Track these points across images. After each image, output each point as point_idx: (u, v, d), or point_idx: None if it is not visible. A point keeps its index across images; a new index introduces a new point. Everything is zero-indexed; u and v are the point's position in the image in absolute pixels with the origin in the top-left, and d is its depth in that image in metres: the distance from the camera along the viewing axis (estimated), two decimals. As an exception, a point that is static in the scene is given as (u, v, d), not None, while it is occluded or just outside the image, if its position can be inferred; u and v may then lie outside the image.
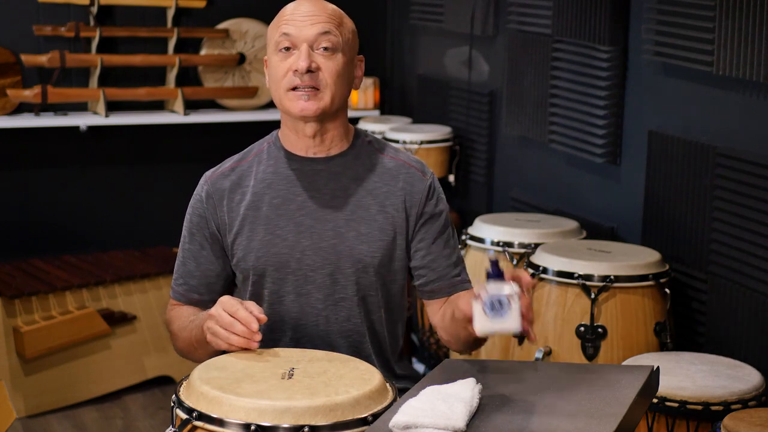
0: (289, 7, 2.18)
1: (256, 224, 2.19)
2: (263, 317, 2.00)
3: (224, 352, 2.05)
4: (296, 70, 2.12)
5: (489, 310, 1.87)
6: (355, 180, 2.20)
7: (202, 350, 2.13)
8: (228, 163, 2.26)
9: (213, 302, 2.21)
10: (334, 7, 2.20)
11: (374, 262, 2.17)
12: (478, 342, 2.17)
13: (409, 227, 2.21)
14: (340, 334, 2.20)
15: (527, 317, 1.88)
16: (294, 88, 2.13)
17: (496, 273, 1.90)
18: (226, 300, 2.02)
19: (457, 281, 2.24)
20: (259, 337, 1.99)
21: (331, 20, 2.15)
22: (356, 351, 2.19)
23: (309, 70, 2.11)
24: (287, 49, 2.14)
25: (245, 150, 2.29)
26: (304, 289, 2.18)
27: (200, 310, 2.20)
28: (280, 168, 2.21)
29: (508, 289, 1.87)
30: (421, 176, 2.23)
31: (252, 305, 2.01)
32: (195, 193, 2.25)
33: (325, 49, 2.13)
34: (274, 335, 2.19)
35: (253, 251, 2.18)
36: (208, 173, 2.26)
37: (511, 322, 1.86)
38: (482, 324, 1.87)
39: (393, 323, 2.27)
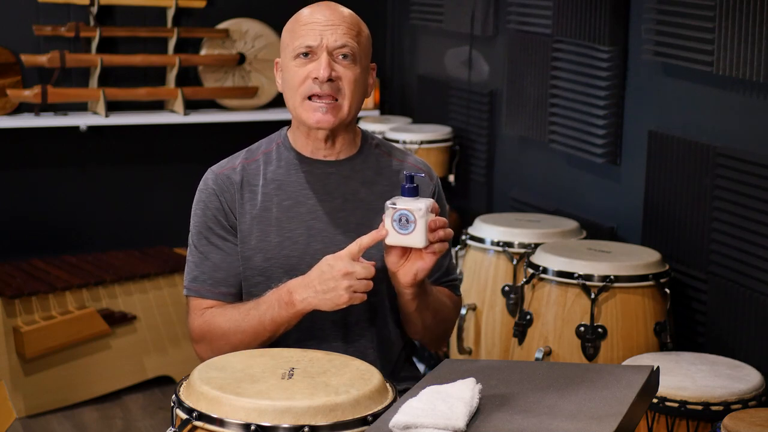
0: (306, 12, 2.16)
1: (266, 226, 2.17)
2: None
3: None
4: (316, 78, 2.10)
5: (396, 224, 1.98)
6: (365, 184, 2.20)
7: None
8: (236, 159, 2.23)
9: (238, 296, 2.18)
10: (350, 12, 2.17)
11: (384, 266, 2.13)
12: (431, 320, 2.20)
13: None
14: (345, 339, 2.19)
15: (436, 233, 1.99)
16: (311, 97, 2.12)
17: (409, 188, 1.99)
18: (331, 259, 2.02)
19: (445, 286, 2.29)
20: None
21: (351, 29, 2.13)
22: (362, 356, 2.16)
23: (329, 79, 2.10)
24: (306, 54, 2.12)
25: (250, 148, 2.26)
26: None
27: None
28: (290, 169, 2.20)
29: (415, 205, 1.96)
30: (428, 180, 2.25)
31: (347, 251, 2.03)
32: (203, 188, 2.21)
33: (344, 56, 2.12)
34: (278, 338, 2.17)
35: (262, 252, 2.16)
36: (215, 168, 2.22)
37: (416, 237, 1.98)
38: (390, 236, 2.00)
39: (399, 329, 2.25)
